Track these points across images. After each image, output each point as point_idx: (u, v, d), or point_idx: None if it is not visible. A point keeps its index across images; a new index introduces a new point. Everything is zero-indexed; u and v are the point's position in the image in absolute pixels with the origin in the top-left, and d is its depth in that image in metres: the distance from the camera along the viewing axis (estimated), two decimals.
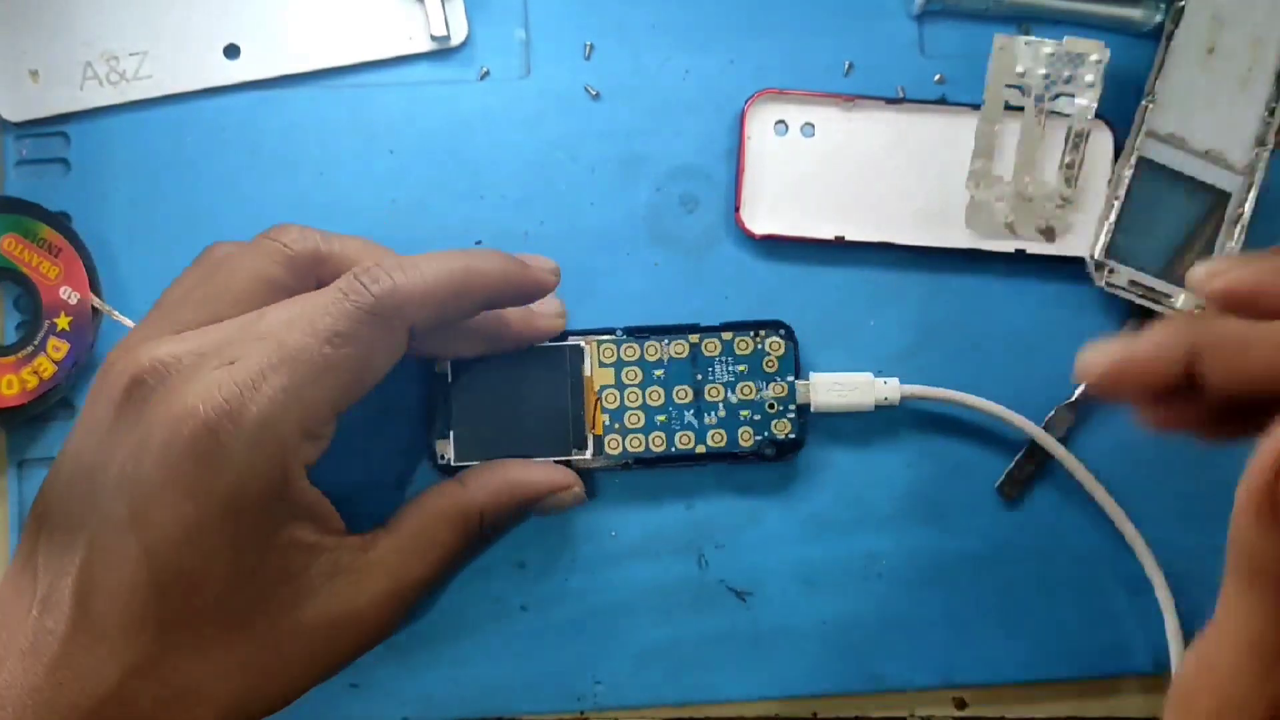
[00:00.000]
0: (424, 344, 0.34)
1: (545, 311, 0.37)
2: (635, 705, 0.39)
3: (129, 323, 0.39)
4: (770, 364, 0.38)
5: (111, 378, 0.29)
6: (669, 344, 0.38)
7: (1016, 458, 0.39)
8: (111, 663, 0.27)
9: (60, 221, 0.39)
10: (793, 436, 0.38)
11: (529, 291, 0.34)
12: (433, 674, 0.38)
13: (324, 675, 0.31)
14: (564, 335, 0.38)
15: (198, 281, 0.33)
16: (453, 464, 0.37)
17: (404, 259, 0.31)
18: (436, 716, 0.38)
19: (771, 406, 0.38)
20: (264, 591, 0.29)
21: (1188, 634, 0.39)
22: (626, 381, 0.38)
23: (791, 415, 0.38)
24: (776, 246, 0.40)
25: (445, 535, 0.33)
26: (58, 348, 0.37)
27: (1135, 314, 0.40)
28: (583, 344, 0.38)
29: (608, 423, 0.37)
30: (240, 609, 0.29)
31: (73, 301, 0.38)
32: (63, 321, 0.38)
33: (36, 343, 0.37)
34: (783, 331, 0.38)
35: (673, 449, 0.37)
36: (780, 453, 0.38)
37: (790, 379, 0.38)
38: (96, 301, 0.38)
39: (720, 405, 0.38)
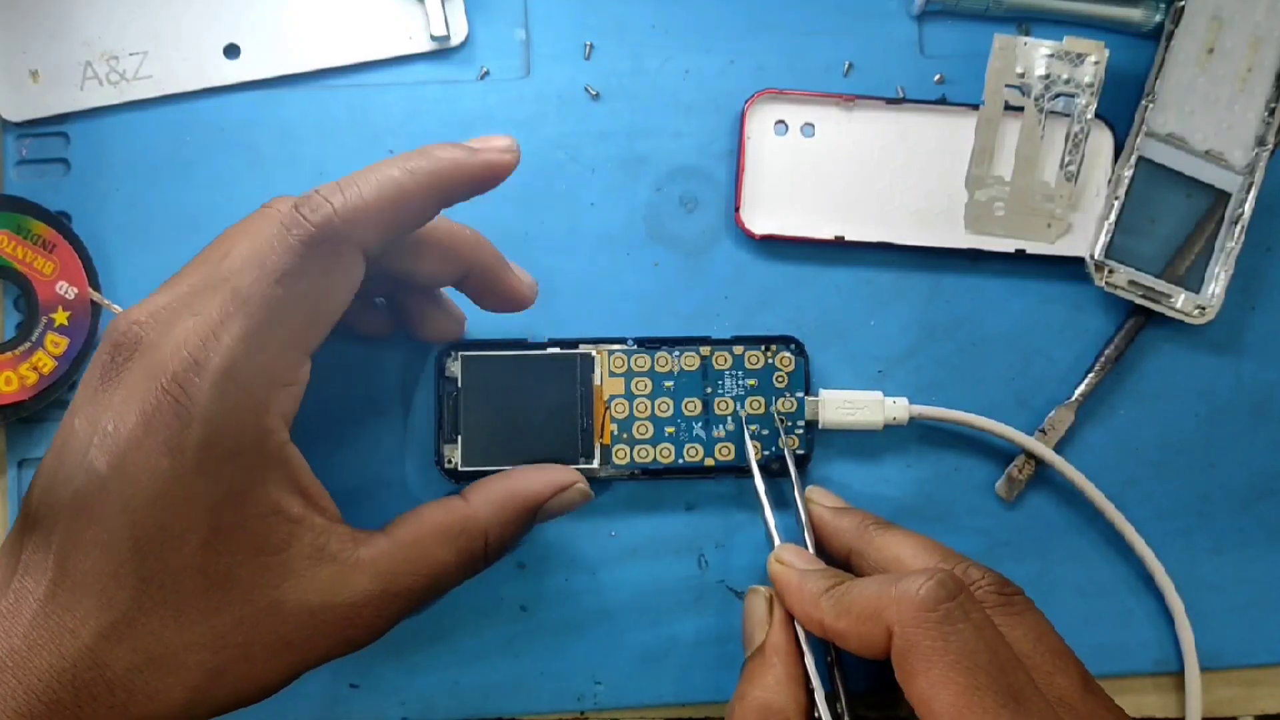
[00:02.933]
0: (391, 264, 0.32)
1: (492, 146, 0.32)
2: (635, 705, 0.38)
3: (117, 309, 0.39)
4: (780, 379, 0.38)
5: (100, 348, 0.30)
6: (680, 356, 0.38)
7: (1016, 459, 0.39)
8: (88, 621, 0.27)
9: (54, 217, 0.39)
10: (800, 452, 0.38)
11: (481, 176, 0.31)
12: (433, 674, 0.38)
13: (296, 669, 0.30)
14: (575, 344, 0.38)
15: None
16: (459, 468, 0.37)
17: (343, 180, 0.29)
18: (436, 716, 0.38)
19: (780, 421, 0.38)
20: (243, 558, 0.28)
21: (1195, 633, 0.39)
22: (636, 392, 0.38)
23: (800, 431, 0.38)
24: (776, 246, 0.40)
25: (442, 552, 0.32)
26: (56, 343, 0.37)
27: (1135, 314, 0.40)
28: (593, 353, 0.38)
29: (616, 432, 0.37)
30: (218, 573, 0.28)
31: (70, 297, 0.38)
32: (60, 317, 0.38)
33: (34, 339, 0.37)
34: (794, 347, 0.38)
35: (680, 461, 0.37)
36: (787, 468, 0.37)
37: (800, 395, 0.38)
38: (95, 295, 0.38)
39: (729, 418, 0.38)
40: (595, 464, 0.37)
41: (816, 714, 0.32)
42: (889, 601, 0.29)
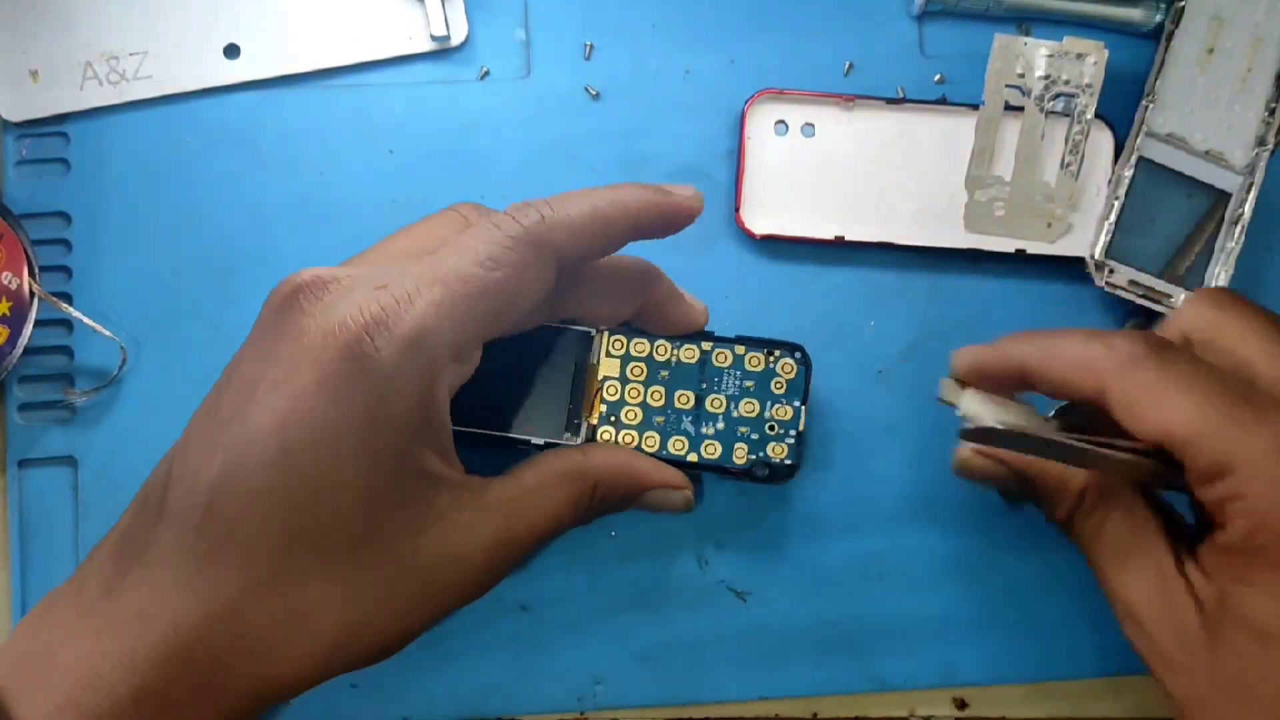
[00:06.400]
0: (573, 301, 0.35)
1: (681, 192, 0.33)
2: (635, 705, 0.38)
3: (66, 308, 0.38)
4: (779, 385, 0.37)
5: (274, 292, 0.30)
6: (680, 347, 0.37)
7: None
8: (233, 576, 0.27)
9: (2, 206, 0.38)
10: (788, 462, 0.37)
11: (672, 218, 0.33)
12: (433, 674, 0.38)
13: (428, 619, 0.31)
14: (574, 321, 0.37)
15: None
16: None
17: (554, 197, 0.32)
18: (436, 716, 0.38)
19: (772, 428, 0.37)
20: (389, 514, 0.29)
21: None
22: (631, 376, 0.37)
23: (791, 441, 0.37)
24: (776, 246, 0.40)
25: (561, 492, 0.33)
26: None
27: (1135, 314, 0.40)
28: (593, 332, 0.37)
29: (604, 413, 0.37)
30: (365, 529, 0.29)
31: (13, 287, 0.38)
32: (3, 307, 0.38)
33: None
34: (798, 355, 0.37)
35: (665, 452, 0.37)
36: (773, 476, 0.37)
37: (797, 404, 0.37)
38: (35, 286, 0.38)
39: (720, 417, 0.37)
40: (579, 440, 0.37)
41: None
42: (1102, 352, 0.30)
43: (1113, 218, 0.39)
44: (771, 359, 0.37)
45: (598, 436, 0.37)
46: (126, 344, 0.39)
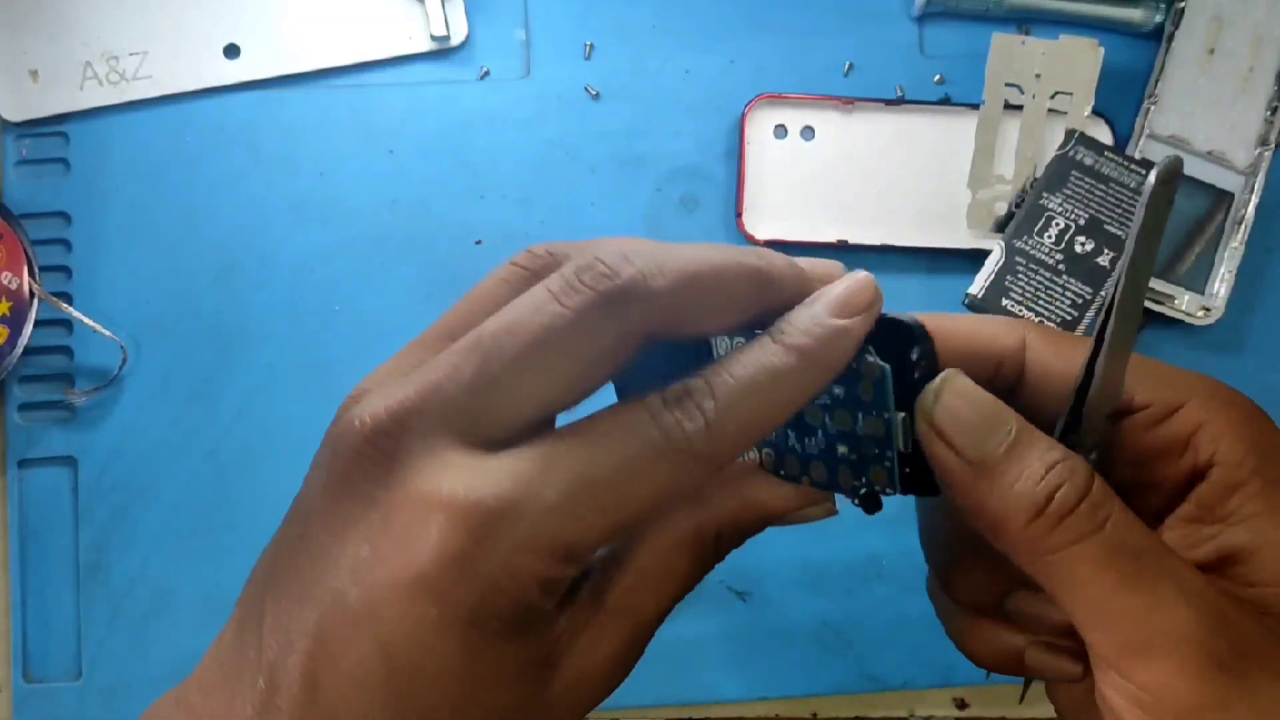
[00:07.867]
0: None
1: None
2: (635, 705, 0.38)
3: (66, 308, 0.38)
4: (865, 390, 0.26)
5: (342, 431, 0.25)
6: None
7: None
8: None
9: (3, 207, 0.38)
10: (882, 491, 0.27)
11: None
12: None
13: None
14: None
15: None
16: None
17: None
18: None
19: (868, 447, 0.27)
20: (510, 684, 0.25)
21: None
22: None
23: (888, 463, 0.26)
24: (779, 251, 0.40)
25: (684, 564, 0.28)
26: None
27: None
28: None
29: None
30: (485, 702, 0.25)
31: (13, 287, 0.38)
32: (2, 307, 0.38)
33: None
34: (881, 351, 0.26)
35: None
36: (864, 503, 0.28)
37: (887, 415, 0.26)
38: (35, 286, 0.38)
39: (818, 430, 0.27)
40: None
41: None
42: (1012, 320, 0.28)
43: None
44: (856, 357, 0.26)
45: None
46: (126, 344, 0.39)
